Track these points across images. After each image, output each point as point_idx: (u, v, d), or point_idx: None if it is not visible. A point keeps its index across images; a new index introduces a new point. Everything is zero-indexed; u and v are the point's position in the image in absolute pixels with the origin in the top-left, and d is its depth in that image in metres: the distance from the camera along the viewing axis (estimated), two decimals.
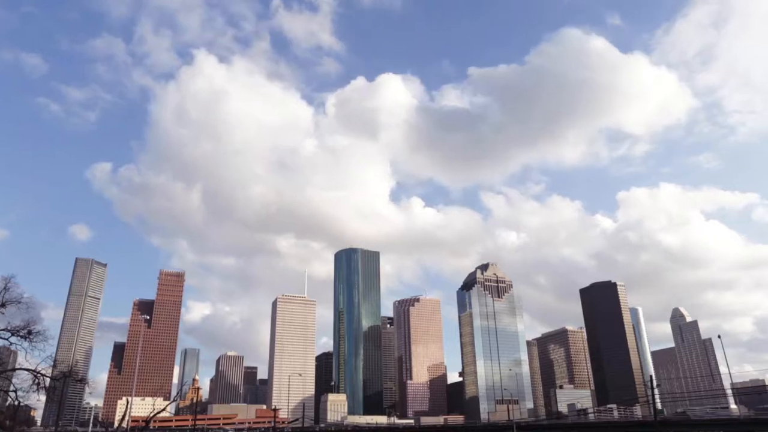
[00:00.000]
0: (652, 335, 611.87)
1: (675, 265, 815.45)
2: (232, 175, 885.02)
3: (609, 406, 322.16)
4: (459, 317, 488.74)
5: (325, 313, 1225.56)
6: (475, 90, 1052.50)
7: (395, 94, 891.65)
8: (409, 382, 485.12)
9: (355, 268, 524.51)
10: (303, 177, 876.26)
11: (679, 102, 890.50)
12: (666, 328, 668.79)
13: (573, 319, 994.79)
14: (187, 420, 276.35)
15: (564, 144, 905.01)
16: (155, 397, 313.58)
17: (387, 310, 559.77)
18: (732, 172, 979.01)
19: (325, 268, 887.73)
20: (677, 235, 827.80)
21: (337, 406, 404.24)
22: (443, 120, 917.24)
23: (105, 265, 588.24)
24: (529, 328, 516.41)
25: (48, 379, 35.80)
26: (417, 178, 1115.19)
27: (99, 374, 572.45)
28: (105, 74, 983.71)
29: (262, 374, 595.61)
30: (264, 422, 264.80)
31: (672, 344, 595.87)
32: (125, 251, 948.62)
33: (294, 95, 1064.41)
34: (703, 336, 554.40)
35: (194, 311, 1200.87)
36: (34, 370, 35.13)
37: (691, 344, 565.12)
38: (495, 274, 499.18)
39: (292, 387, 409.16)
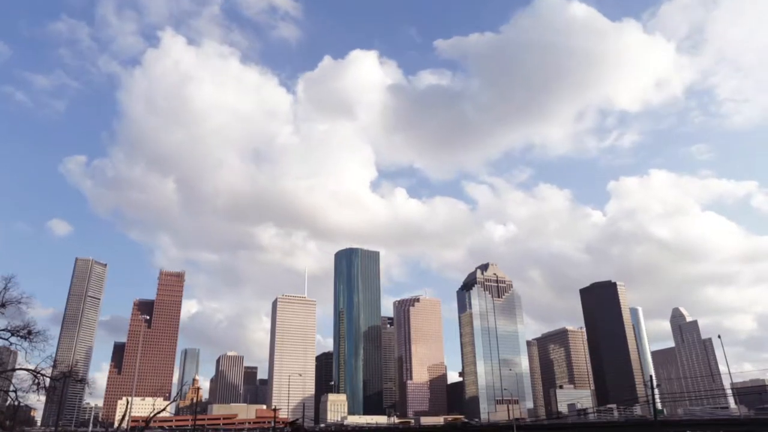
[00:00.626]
0: (650, 332, 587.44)
1: (672, 259, 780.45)
2: (207, 164, 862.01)
3: (609, 406, 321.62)
4: (459, 317, 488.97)
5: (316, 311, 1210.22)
6: (453, 65, 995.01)
7: (367, 74, 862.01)
8: (409, 382, 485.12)
9: (354, 268, 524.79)
10: (279, 165, 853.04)
11: (676, 75, 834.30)
12: (663, 325, 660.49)
13: (568, 315, 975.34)
14: (187, 420, 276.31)
15: (550, 122, 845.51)
16: (155, 397, 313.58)
17: (387, 310, 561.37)
18: (727, 162, 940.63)
19: (310, 261, 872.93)
20: (673, 226, 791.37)
21: (337, 406, 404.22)
22: (420, 100, 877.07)
23: (105, 265, 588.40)
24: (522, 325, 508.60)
25: (48, 379, 35.78)
26: (397, 165, 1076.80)
27: (99, 374, 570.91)
28: (70, 60, 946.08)
29: (262, 374, 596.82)
30: (264, 422, 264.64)
31: (671, 342, 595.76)
32: (107, 247, 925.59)
33: (267, 78, 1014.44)
34: (704, 334, 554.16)
35: (182, 309, 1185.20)
36: (34, 370, 35.11)
37: (691, 344, 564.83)
38: (495, 274, 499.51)
39: (292, 387, 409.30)
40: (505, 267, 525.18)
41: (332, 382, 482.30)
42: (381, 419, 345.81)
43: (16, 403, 38.33)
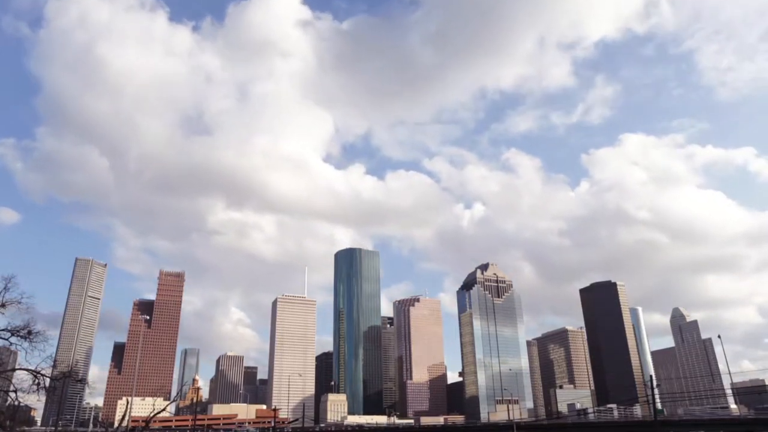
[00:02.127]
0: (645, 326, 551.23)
1: (663, 241, 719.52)
2: (136, 135, 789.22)
3: (609, 406, 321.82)
4: (459, 317, 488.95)
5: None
6: None
7: (291, 15, 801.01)
8: (409, 382, 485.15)
9: (354, 268, 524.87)
10: (216, 132, 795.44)
11: None
12: (657, 318, 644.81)
13: (556, 308, 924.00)
14: (187, 420, 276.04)
15: (507, 60, 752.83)
16: (155, 397, 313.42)
17: (387, 310, 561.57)
18: (717, 132, 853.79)
19: (269, 245, 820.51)
20: (660, 202, 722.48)
21: (337, 406, 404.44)
22: (357, 42, 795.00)
23: (105, 265, 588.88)
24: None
25: (48, 379, 35.73)
26: (349, 132, 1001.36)
27: (98, 374, 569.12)
28: None
29: (261, 374, 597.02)
30: (264, 422, 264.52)
31: (666, 337, 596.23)
32: (56, 237, 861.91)
33: (191, 35, 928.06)
34: (702, 328, 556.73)
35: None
36: (34, 370, 35.06)
37: (690, 344, 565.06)
38: (495, 274, 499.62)
39: (292, 387, 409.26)
40: (482, 250, 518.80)
41: (332, 382, 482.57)
42: (381, 419, 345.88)
43: (16, 403, 38.31)
